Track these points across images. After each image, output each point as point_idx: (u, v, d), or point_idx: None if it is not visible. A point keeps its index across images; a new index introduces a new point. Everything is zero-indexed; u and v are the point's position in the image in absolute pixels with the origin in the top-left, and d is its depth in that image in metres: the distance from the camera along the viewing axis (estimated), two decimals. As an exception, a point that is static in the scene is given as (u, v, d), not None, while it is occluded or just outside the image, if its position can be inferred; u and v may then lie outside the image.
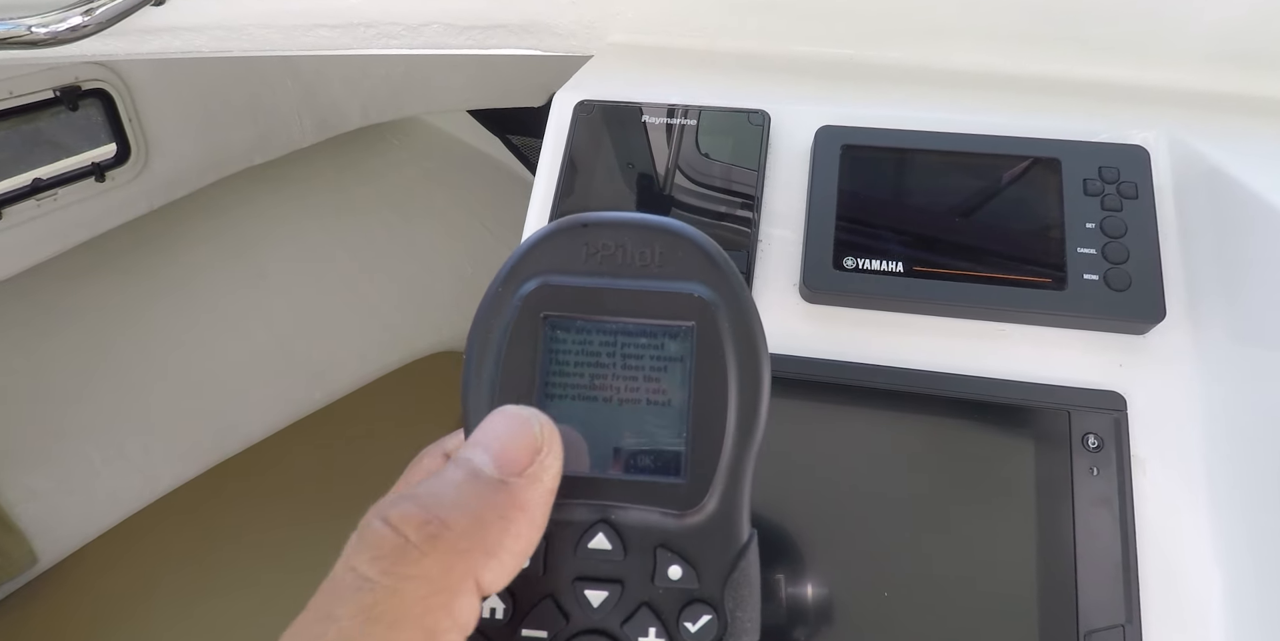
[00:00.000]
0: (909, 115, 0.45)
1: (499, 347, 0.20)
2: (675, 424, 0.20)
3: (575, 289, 0.20)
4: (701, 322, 0.20)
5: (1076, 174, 0.42)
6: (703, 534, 0.19)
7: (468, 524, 0.17)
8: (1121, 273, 0.39)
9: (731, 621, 0.19)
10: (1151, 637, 0.34)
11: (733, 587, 0.19)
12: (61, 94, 1.02)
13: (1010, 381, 0.39)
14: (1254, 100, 0.49)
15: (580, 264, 0.21)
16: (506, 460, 0.18)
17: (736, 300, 0.20)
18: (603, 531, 0.19)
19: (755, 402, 0.20)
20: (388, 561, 0.16)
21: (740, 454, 0.20)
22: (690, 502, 0.19)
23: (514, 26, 0.63)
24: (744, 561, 0.20)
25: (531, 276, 0.20)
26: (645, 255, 0.20)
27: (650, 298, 0.20)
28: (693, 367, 0.20)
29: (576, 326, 0.20)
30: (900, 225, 0.42)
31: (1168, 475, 0.36)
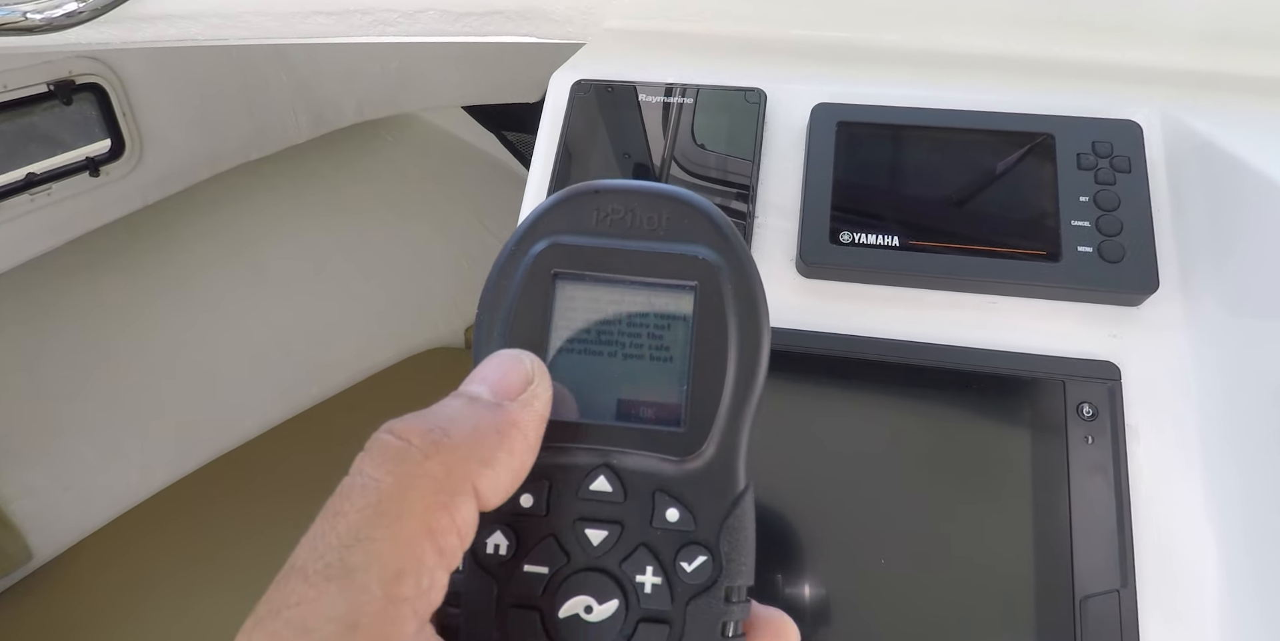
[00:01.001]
0: (906, 93, 0.46)
1: (510, 303, 0.21)
2: (677, 377, 0.21)
3: (585, 248, 0.21)
4: (704, 283, 0.21)
5: (1070, 149, 0.42)
6: (700, 480, 0.20)
7: (467, 434, 0.18)
8: (1115, 245, 0.40)
9: (727, 563, 0.20)
10: (1146, 602, 0.34)
11: (728, 532, 0.20)
12: (55, 88, 1.02)
13: (1006, 352, 0.39)
14: (1244, 77, 0.49)
15: (591, 226, 0.21)
16: (501, 387, 0.19)
17: (739, 262, 0.21)
18: (604, 475, 0.20)
19: (754, 359, 0.21)
20: (392, 463, 0.17)
21: (738, 406, 0.20)
22: (689, 450, 0.20)
23: (510, 13, 0.63)
24: (740, 508, 0.20)
25: (543, 237, 0.21)
26: (653, 220, 0.21)
27: (656, 258, 0.21)
28: (695, 325, 0.21)
29: (585, 284, 0.21)
30: (895, 200, 0.42)
31: (1161, 443, 0.37)
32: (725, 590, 0.20)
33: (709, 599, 0.20)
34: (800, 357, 0.40)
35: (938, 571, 0.35)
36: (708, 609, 0.20)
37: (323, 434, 1.34)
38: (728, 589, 0.20)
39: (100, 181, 1.11)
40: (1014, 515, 0.35)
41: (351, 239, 1.49)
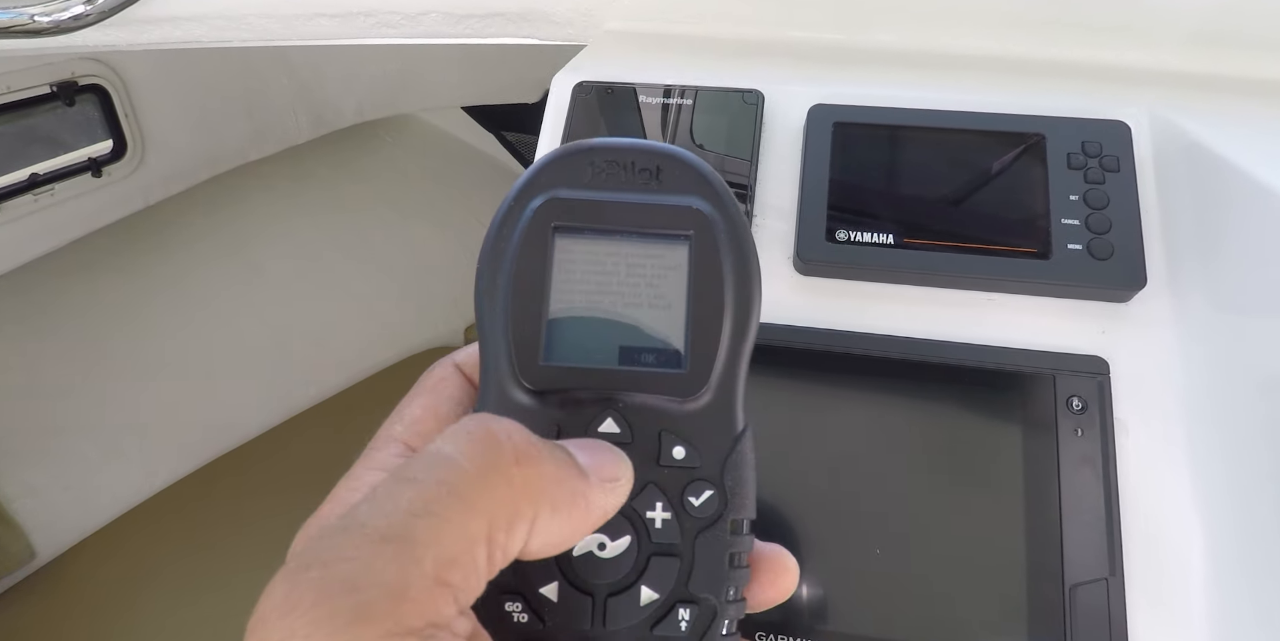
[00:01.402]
0: (899, 94, 0.47)
1: (511, 257, 0.21)
2: (676, 324, 0.21)
3: (582, 201, 0.22)
4: (699, 232, 0.21)
5: (1060, 148, 0.43)
6: (703, 419, 0.21)
7: (554, 471, 0.18)
8: (1104, 242, 0.41)
9: (731, 497, 0.21)
10: (1133, 590, 0.35)
11: (731, 468, 0.21)
12: (58, 89, 1.02)
13: (998, 347, 0.40)
14: (1232, 79, 0.50)
15: (587, 180, 0.22)
16: (595, 464, 0.19)
17: (730, 213, 0.22)
18: (611, 416, 0.21)
19: (748, 303, 0.21)
20: (482, 453, 0.17)
21: (735, 349, 0.21)
22: (691, 390, 0.21)
23: (511, 15, 0.64)
24: (741, 445, 0.21)
25: (541, 192, 0.22)
26: (647, 174, 0.22)
27: (652, 210, 0.22)
28: (691, 272, 0.21)
29: (584, 236, 0.22)
30: (891, 199, 0.43)
31: (1149, 435, 0.38)
32: (731, 523, 0.21)
33: (716, 531, 0.20)
34: (798, 353, 0.40)
35: (932, 560, 0.36)
36: (715, 541, 0.20)
37: (323, 434, 1.34)
38: (733, 522, 0.21)
39: (102, 182, 1.12)
40: (1006, 505, 0.36)
41: (351, 239, 1.49)
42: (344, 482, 0.22)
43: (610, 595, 0.20)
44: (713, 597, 0.20)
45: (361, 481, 0.21)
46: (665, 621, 0.20)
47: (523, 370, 0.21)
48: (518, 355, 0.21)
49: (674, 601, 0.20)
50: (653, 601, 0.20)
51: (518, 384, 0.21)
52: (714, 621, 0.20)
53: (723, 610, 0.20)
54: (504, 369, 0.21)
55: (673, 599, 0.20)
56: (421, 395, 0.23)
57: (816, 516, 0.37)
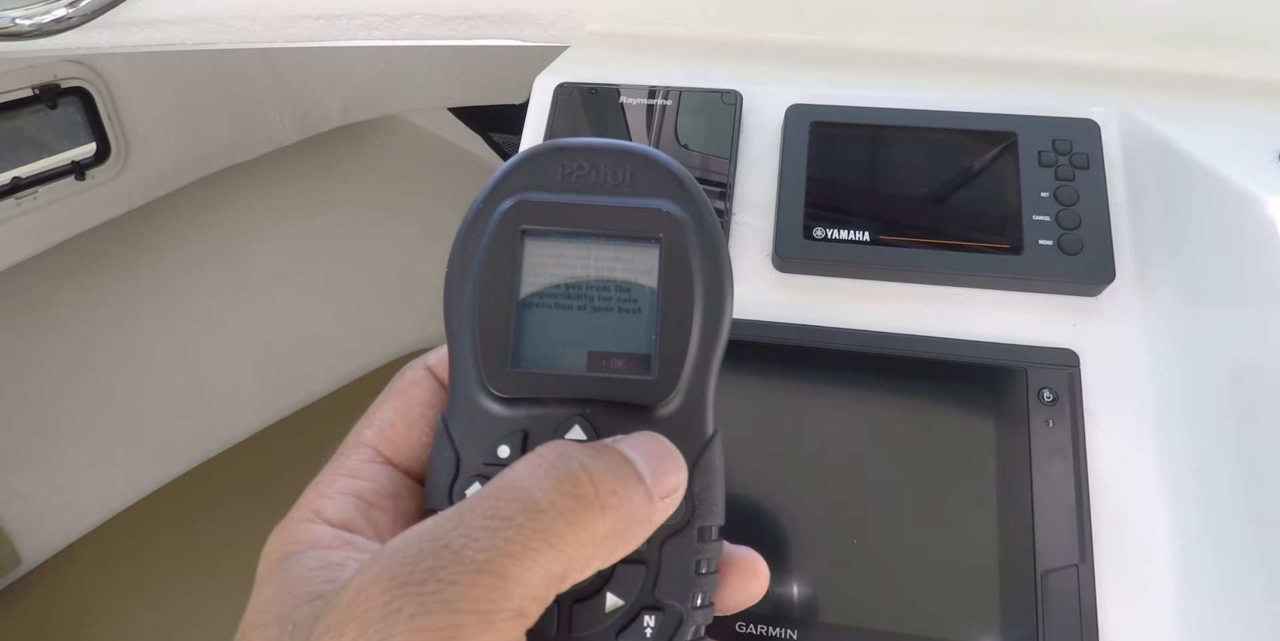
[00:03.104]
0: (875, 94, 0.48)
1: (479, 260, 0.21)
2: (645, 328, 0.21)
3: (552, 204, 0.21)
4: (669, 235, 0.21)
5: (1031, 146, 0.44)
6: (670, 426, 0.21)
7: (627, 514, 0.18)
8: (1074, 238, 0.41)
9: (699, 504, 0.21)
10: (1103, 575, 0.36)
11: (699, 474, 0.21)
12: (40, 92, 1.02)
13: (971, 341, 0.41)
14: (1198, 77, 0.51)
15: (556, 182, 0.22)
16: (659, 482, 0.19)
17: (701, 216, 0.21)
18: (578, 423, 0.21)
19: (719, 309, 0.21)
20: (574, 503, 0.18)
21: (705, 354, 0.21)
22: (659, 397, 0.21)
23: (494, 17, 0.64)
24: (709, 452, 0.21)
25: (510, 194, 0.22)
26: (617, 175, 0.22)
27: (622, 213, 0.21)
28: (661, 276, 0.21)
29: (553, 239, 0.21)
30: (867, 197, 0.44)
31: (1118, 425, 0.39)
32: (698, 530, 0.21)
33: (683, 539, 0.20)
34: (776, 349, 0.41)
35: (908, 549, 0.37)
36: (682, 548, 0.20)
37: (312, 436, 1.34)
38: (700, 529, 0.21)
39: (86, 185, 1.12)
40: (979, 495, 0.37)
41: (338, 241, 1.49)
42: (313, 489, 0.22)
43: (576, 601, 0.20)
44: (679, 604, 0.20)
45: (332, 488, 0.21)
46: (630, 628, 0.20)
47: (490, 377, 0.21)
48: (485, 361, 0.21)
49: (639, 608, 0.20)
50: (618, 608, 0.20)
51: (485, 391, 0.21)
52: (679, 628, 0.20)
53: (689, 617, 0.20)
54: (471, 375, 0.21)
55: (638, 605, 0.20)
56: (392, 398, 0.23)
57: (795, 508, 0.38)
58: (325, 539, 0.20)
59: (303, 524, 0.21)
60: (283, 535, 0.21)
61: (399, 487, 0.22)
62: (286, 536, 0.20)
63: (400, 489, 0.22)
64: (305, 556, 0.20)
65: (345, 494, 0.21)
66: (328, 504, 0.21)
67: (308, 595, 0.18)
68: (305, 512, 0.21)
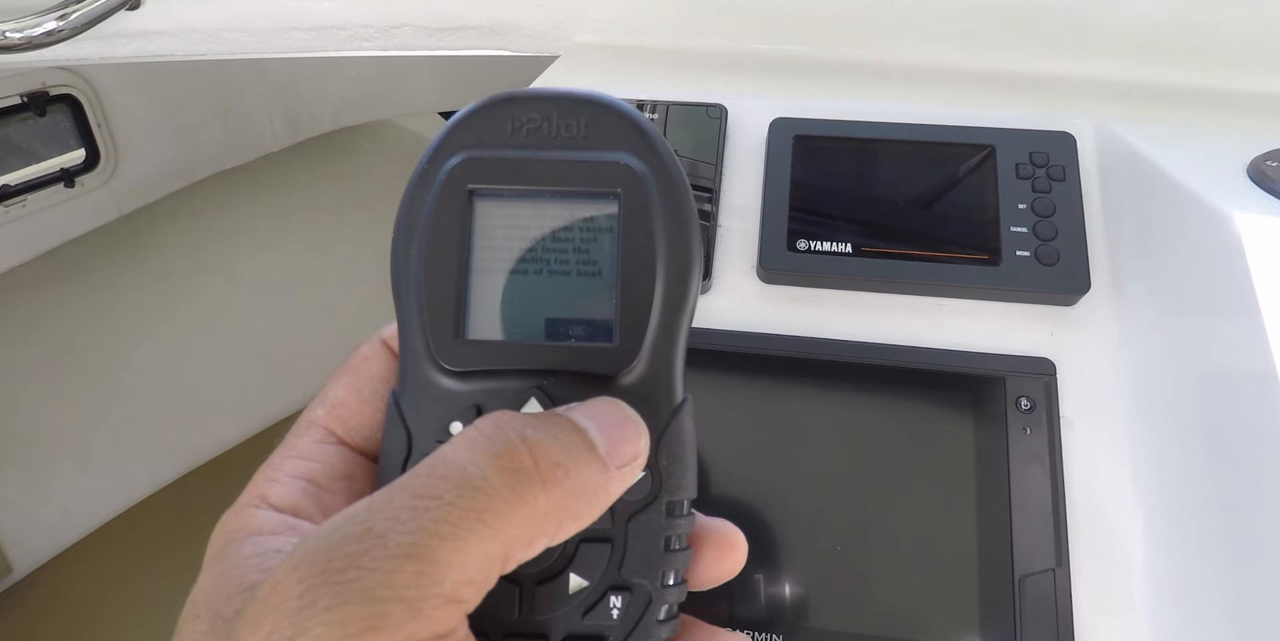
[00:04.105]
0: (857, 107, 0.49)
1: (425, 223, 0.20)
2: (605, 292, 0.20)
3: (500, 160, 0.20)
4: (628, 191, 0.20)
5: (1009, 159, 0.45)
6: (634, 395, 0.19)
7: (577, 484, 0.17)
8: (1051, 249, 0.43)
9: (666, 477, 0.19)
10: (1080, 579, 0.37)
11: (666, 446, 0.19)
12: (29, 99, 1.02)
13: (951, 351, 0.42)
14: (1169, 89, 0.52)
15: (506, 137, 0.20)
16: (616, 450, 0.18)
17: (663, 167, 0.20)
18: (535, 396, 0.19)
19: (684, 269, 0.20)
20: (512, 478, 0.16)
21: (671, 317, 0.20)
22: (620, 365, 0.19)
23: (483, 28, 0.65)
24: (676, 422, 0.20)
25: (457, 151, 0.20)
26: (571, 127, 0.20)
27: (576, 167, 0.20)
28: (621, 235, 0.20)
29: (504, 199, 0.20)
30: (849, 209, 0.45)
31: (1094, 432, 0.40)
32: (666, 505, 0.19)
33: (649, 515, 0.19)
34: (761, 359, 0.42)
35: (889, 555, 0.38)
36: (649, 524, 0.19)
37: (304, 441, 1.34)
38: (668, 504, 0.19)
39: (75, 192, 1.11)
40: (959, 501, 0.38)
41: (329, 246, 1.49)
42: (262, 472, 0.21)
43: (538, 583, 0.19)
44: (647, 583, 0.19)
45: (280, 471, 0.20)
46: (596, 609, 0.19)
47: (439, 349, 0.19)
48: (434, 333, 0.19)
49: (605, 588, 0.19)
50: (582, 589, 0.19)
51: (435, 364, 0.20)
52: (649, 607, 0.19)
53: (659, 595, 0.19)
54: (420, 348, 0.20)
55: (604, 585, 0.19)
56: (344, 375, 0.22)
57: (780, 516, 0.39)
58: (269, 525, 0.19)
59: (248, 509, 0.20)
60: (229, 522, 0.20)
61: (353, 468, 0.21)
62: (232, 523, 0.19)
63: (354, 469, 0.21)
64: (244, 544, 0.19)
65: (294, 477, 0.20)
66: (275, 488, 0.20)
67: (239, 586, 0.17)
68: (251, 498, 0.20)
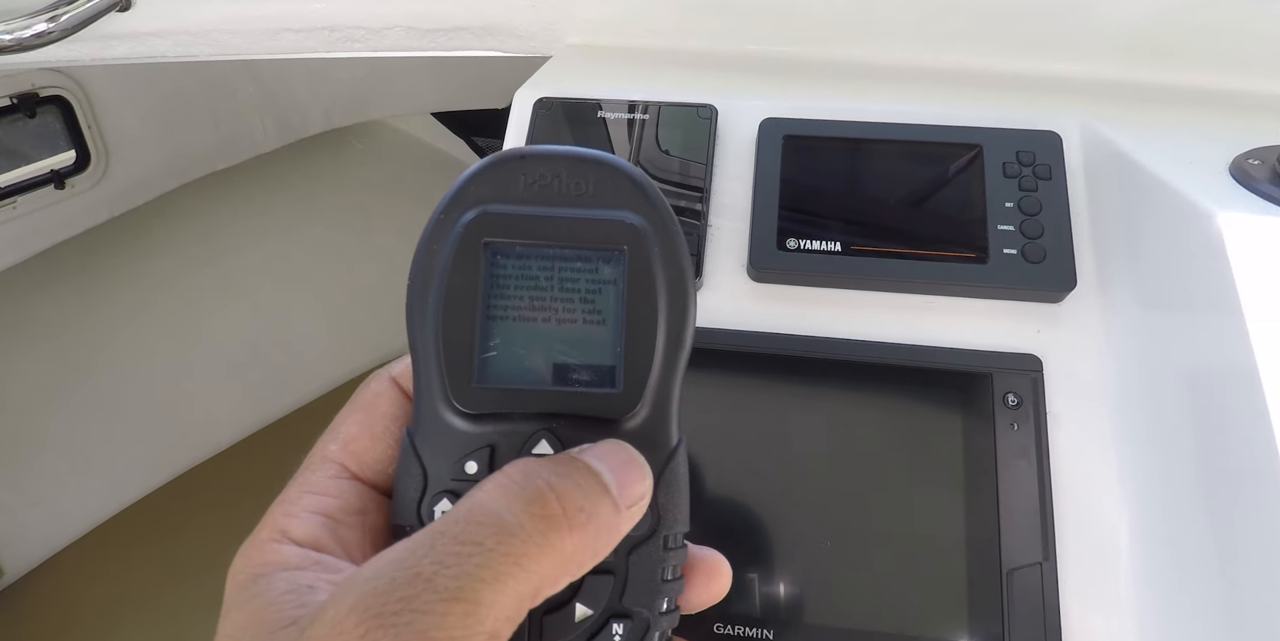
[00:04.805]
0: (846, 107, 0.49)
1: (442, 273, 0.21)
2: (610, 341, 0.21)
3: (514, 216, 0.21)
4: (632, 247, 0.21)
5: (996, 158, 0.45)
6: (636, 438, 0.21)
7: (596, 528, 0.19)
8: (1037, 247, 0.43)
9: (664, 512, 0.21)
10: (1066, 572, 0.37)
11: (664, 485, 0.21)
12: (19, 101, 1.01)
13: (939, 348, 0.42)
14: (1155, 89, 0.53)
15: (518, 193, 0.21)
16: (625, 492, 0.20)
17: (664, 226, 0.22)
18: (545, 438, 0.21)
19: (682, 320, 0.21)
20: (543, 525, 0.18)
21: (669, 365, 0.21)
22: (624, 409, 0.21)
23: (475, 29, 0.65)
24: (674, 462, 0.21)
25: (472, 205, 0.21)
26: (580, 185, 0.22)
27: (585, 224, 0.21)
28: (625, 289, 0.21)
29: (516, 252, 0.21)
30: (838, 208, 0.46)
31: (1080, 428, 0.40)
32: (663, 538, 0.21)
33: (648, 548, 0.21)
34: (751, 357, 0.42)
35: (878, 550, 0.38)
36: (648, 557, 0.21)
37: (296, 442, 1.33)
38: (665, 537, 0.21)
39: (66, 194, 1.11)
40: (947, 497, 0.39)
41: (322, 246, 1.49)
42: (278, 507, 0.22)
43: (546, 613, 0.20)
44: (646, 611, 0.21)
45: (297, 506, 0.21)
46: (600, 636, 0.20)
47: (455, 392, 0.21)
48: (450, 377, 0.21)
49: (608, 616, 0.21)
50: (587, 617, 0.20)
51: (450, 406, 0.21)
52: (647, 633, 0.21)
53: (655, 622, 0.21)
54: (436, 391, 0.21)
55: (607, 614, 0.21)
56: (356, 412, 0.23)
57: (771, 512, 0.39)
58: (294, 560, 0.20)
59: (270, 544, 0.21)
60: (249, 556, 0.20)
61: (366, 503, 0.22)
62: (254, 557, 0.20)
63: (367, 504, 0.22)
64: (275, 579, 0.19)
65: (312, 512, 0.21)
66: (295, 523, 0.21)
67: (280, 621, 0.18)
68: (271, 532, 0.21)
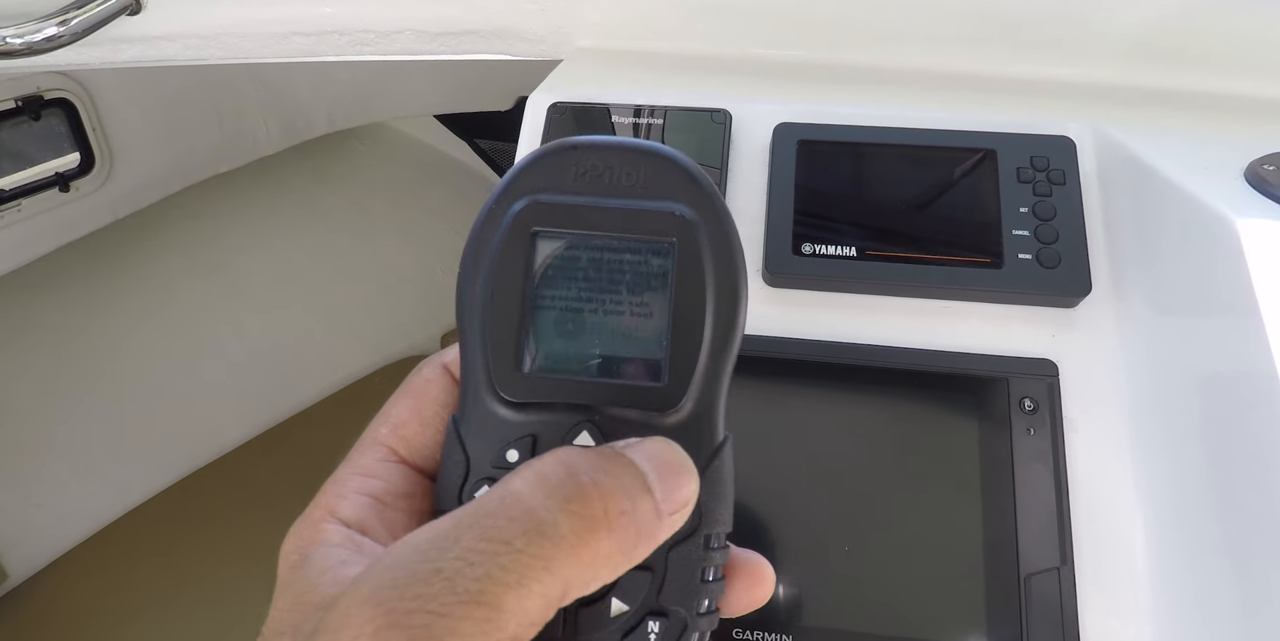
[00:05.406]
0: (860, 112, 0.49)
1: (491, 262, 0.21)
2: (656, 333, 0.21)
3: (564, 206, 0.21)
4: (682, 239, 0.21)
5: (1010, 163, 0.46)
6: (680, 433, 0.20)
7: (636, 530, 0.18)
8: (1052, 252, 0.43)
9: (706, 512, 0.20)
10: (1084, 577, 0.37)
11: (708, 483, 0.20)
12: (23, 104, 1.01)
13: (955, 353, 0.42)
14: (1168, 93, 0.53)
15: (569, 183, 0.21)
16: (669, 496, 0.19)
17: (716, 218, 0.21)
18: (587, 429, 0.20)
19: (732, 315, 0.21)
20: (581, 524, 0.17)
21: (716, 360, 0.21)
22: (668, 404, 0.20)
23: (485, 32, 0.65)
24: (718, 460, 0.21)
25: (522, 195, 0.21)
26: (631, 176, 0.21)
27: (635, 215, 0.21)
28: (673, 281, 0.21)
29: (565, 242, 0.21)
30: (853, 213, 0.46)
31: (1096, 432, 0.40)
32: (704, 537, 0.20)
33: (689, 546, 0.20)
34: (768, 362, 0.42)
35: (896, 554, 0.38)
36: (688, 556, 0.20)
37: (299, 445, 1.34)
38: (706, 536, 0.21)
39: (70, 196, 1.11)
40: (965, 501, 0.39)
41: (325, 249, 1.49)
42: (329, 487, 0.22)
43: (581, 605, 0.20)
44: (684, 610, 0.20)
45: (347, 487, 0.21)
46: (635, 633, 0.20)
47: (499, 381, 0.21)
48: (495, 365, 0.21)
49: (644, 613, 0.20)
50: (623, 613, 0.20)
51: (494, 394, 0.21)
52: (684, 633, 0.20)
53: (693, 622, 0.20)
54: (481, 378, 0.21)
55: (643, 611, 0.20)
56: (406, 396, 0.23)
57: (789, 517, 0.39)
58: (336, 538, 0.20)
59: (320, 524, 0.20)
60: (300, 534, 0.20)
61: (413, 486, 0.22)
62: (305, 536, 0.20)
63: (414, 488, 0.22)
64: (317, 558, 0.19)
65: (360, 493, 0.21)
66: (343, 503, 0.21)
67: (317, 604, 0.18)
68: (321, 512, 0.21)
